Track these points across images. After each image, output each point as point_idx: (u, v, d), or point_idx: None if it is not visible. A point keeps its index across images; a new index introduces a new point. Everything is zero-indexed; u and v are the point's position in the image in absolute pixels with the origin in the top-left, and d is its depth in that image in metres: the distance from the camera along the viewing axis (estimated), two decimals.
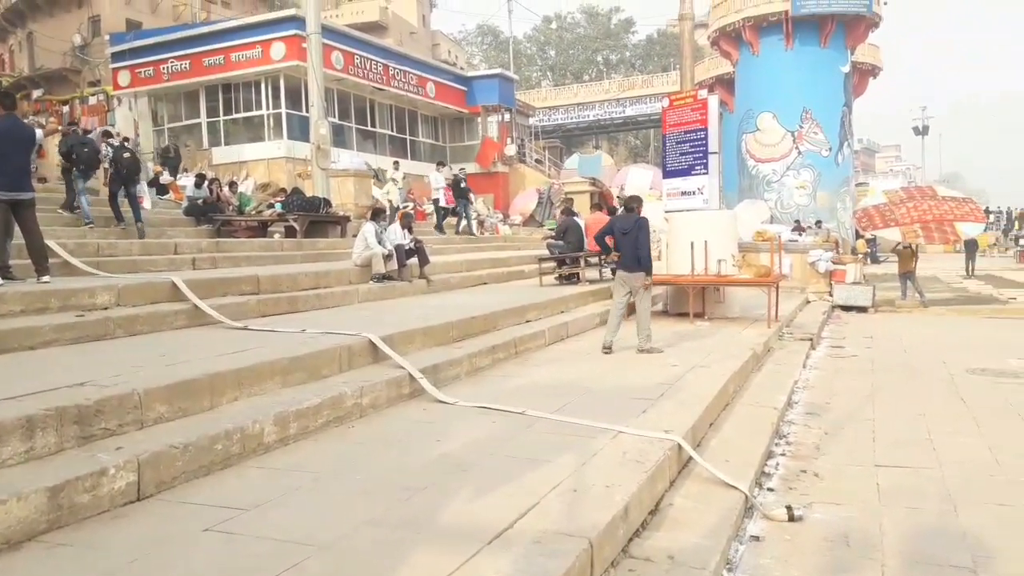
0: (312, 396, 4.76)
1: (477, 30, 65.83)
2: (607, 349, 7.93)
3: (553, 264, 12.45)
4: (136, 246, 9.97)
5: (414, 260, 10.63)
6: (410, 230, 10.98)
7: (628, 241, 8.14)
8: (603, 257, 12.87)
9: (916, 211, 16.74)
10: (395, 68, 25.88)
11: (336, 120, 23.49)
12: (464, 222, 18.62)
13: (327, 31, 20.28)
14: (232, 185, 15.58)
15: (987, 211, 36.20)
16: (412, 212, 14.90)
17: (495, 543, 3.09)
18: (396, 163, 21.13)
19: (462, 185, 18.22)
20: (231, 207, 13.72)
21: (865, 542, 3.99)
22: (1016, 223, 40.31)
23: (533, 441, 4.61)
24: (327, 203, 14.16)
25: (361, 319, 7.38)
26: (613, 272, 13.24)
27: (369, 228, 10.23)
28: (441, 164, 20.15)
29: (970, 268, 23.61)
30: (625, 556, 3.49)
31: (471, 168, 29.12)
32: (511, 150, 30.05)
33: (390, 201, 19.57)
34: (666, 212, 12.66)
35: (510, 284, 12.51)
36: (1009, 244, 34.44)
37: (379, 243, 10.11)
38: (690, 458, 4.71)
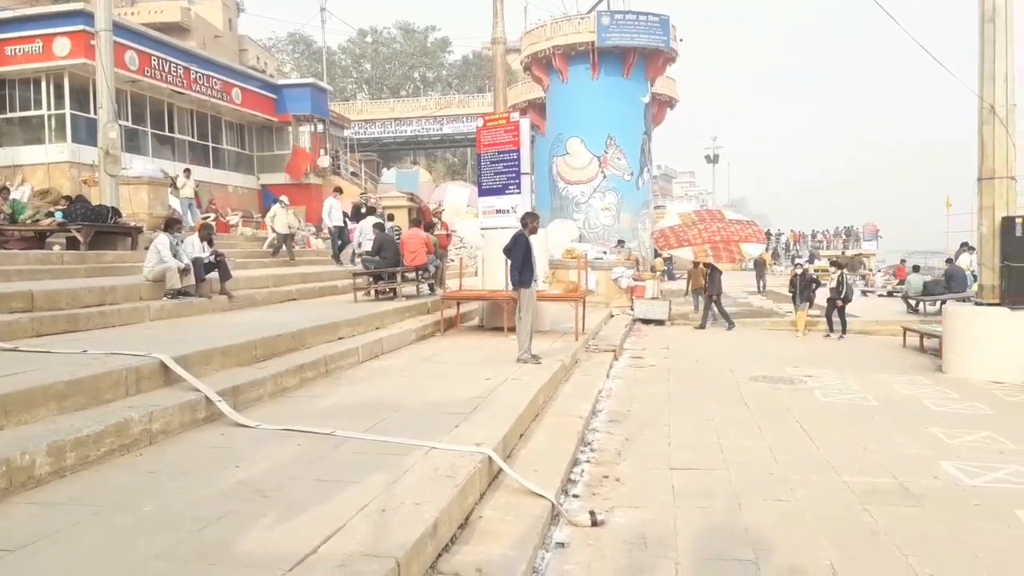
0: (93, 423, 4.33)
1: (288, 38, 63.51)
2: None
3: (368, 280, 12.22)
4: None
5: (214, 275, 9.99)
6: (210, 242, 10.32)
7: (510, 257, 8.64)
8: (420, 273, 12.89)
9: (706, 232, 18.15)
10: (197, 72, 24.42)
11: (129, 124, 21.78)
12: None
13: (120, 29, 18.84)
14: (4, 191, 13.89)
15: (768, 233, 40.12)
16: (212, 223, 14.04)
17: (296, 570, 2.95)
18: (187, 170, 19.43)
19: (362, 211, 17.35)
20: (2, 215, 12.24)
21: (661, 542, 4.23)
22: (792, 245, 45.05)
23: (342, 462, 4.46)
24: (116, 212, 12.99)
25: (153, 338, 6.82)
26: (431, 288, 13.37)
27: (163, 240, 9.45)
28: (338, 190, 18.29)
29: (761, 285, 25.75)
30: (434, 572, 3.46)
31: (281, 179, 28.11)
32: (324, 161, 29.26)
33: (274, 229, 17.38)
34: (482, 229, 12.89)
35: (322, 300, 12.12)
36: (785, 263, 38.23)
37: (174, 256, 9.40)
38: (500, 469, 4.77)
